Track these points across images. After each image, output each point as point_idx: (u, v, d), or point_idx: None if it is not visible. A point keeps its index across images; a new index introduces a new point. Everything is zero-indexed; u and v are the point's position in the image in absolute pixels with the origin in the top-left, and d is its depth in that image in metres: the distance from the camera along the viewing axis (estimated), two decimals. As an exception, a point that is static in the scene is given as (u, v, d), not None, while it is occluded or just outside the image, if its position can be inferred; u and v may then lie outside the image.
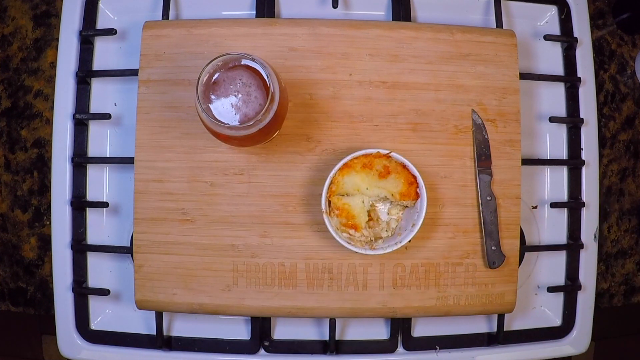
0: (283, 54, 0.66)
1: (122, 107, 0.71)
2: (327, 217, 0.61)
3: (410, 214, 0.64)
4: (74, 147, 0.70)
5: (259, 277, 0.65)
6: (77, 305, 0.69)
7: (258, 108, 0.53)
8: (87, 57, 0.70)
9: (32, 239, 0.73)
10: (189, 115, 0.65)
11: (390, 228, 0.64)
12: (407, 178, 0.62)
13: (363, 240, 0.62)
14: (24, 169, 0.73)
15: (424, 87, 0.67)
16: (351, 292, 0.66)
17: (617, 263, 0.77)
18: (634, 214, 0.77)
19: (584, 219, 0.73)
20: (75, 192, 0.70)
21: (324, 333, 0.70)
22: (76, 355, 0.69)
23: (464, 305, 0.67)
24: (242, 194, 0.65)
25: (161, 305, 0.66)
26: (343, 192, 0.62)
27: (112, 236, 0.71)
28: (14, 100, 0.73)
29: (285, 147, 0.66)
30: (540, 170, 0.74)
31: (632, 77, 0.78)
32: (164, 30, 0.66)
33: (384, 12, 0.73)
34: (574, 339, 0.72)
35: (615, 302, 0.77)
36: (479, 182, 0.67)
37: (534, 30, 0.75)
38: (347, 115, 0.66)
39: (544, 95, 0.74)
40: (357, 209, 0.62)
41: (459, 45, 0.67)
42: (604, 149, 0.77)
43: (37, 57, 0.74)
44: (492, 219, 0.66)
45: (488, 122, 0.67)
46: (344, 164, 0.61)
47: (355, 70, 0.67)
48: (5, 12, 0.74)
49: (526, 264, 0.73)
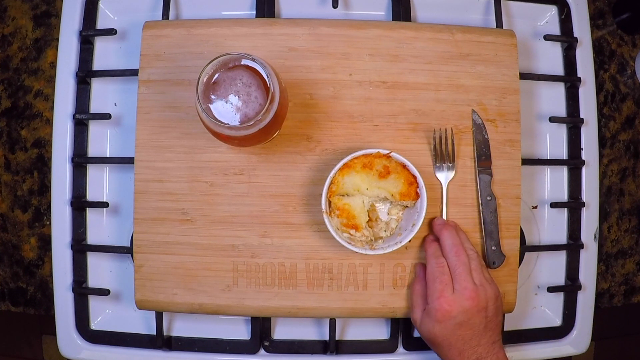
0: (283, 54, 0.66)
1: (122, 107, 0.71)
2: (328, 217, 0.61)
3: (410, 214, 0.64)
4: (74, 147, 0.70)
5: (259, 277, 0.65)
6: (77, 305, 0.69)
7: (258, 108, 0.53)
8: (87, 57, 0.70)
9: (32, 239, 0.73)
10: (189, 115, 0.65)
11: (390, 228, 0.64)
12: (407, 178, 0.62)
13: (363, 241, 0.62)
14: (24, 169, 0.73)
15: (424, 87, 0.67)
16: (351, 292, 0.66)
17: (617, 263, 0.77)
18: (634, 214, 0.77)
19: (584, 219, 0.73)
20: (75, 192, 0.70)
21: (324, 333, 0.70)
22: (76, 355, 0.69)
23: (464, 305, 0.67)
24: (242, 194, 0.65)
25: (161, 305, 0.66)
26: (343, 192, 0.62)
27: (112, 236, 0.71)
28: (14, 100, 0.73)
29: (285, 147, 0.66)
30: (540, 170, 0.74)
31: (632, 77, 0.78)
32: (164, 30, 0.66)
33: (384, 12, 0.73)
34: (574, 339, 0.72)
35: (615, 302, 0.77)
36: (479, 182, 0.67)
37: (534, 30, 0.75)
38: (347, 115, 0.66)
39: (544, 95, 0.74)
40: (358, 209, 0.62)
41: (459, 45, 0.67)
42: (604, 149, 0.77)
43: (37, 57, 0.74)
44: (492, 219, 0.66)
45: (488, 122, 0.67)
46: (344, 164, 0.61)
47: (355, 70, 0.67)
48: (5, 12, 0.74)
49: (526, 264, 0.73)
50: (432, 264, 0.61)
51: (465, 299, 0.58)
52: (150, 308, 0.66)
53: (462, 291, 0.58)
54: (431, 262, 0.62)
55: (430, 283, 0.60)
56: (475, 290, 0.59)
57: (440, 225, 0.64)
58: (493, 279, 0.62)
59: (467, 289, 0.58)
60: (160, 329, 0.68)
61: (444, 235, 0.62)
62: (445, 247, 0.62)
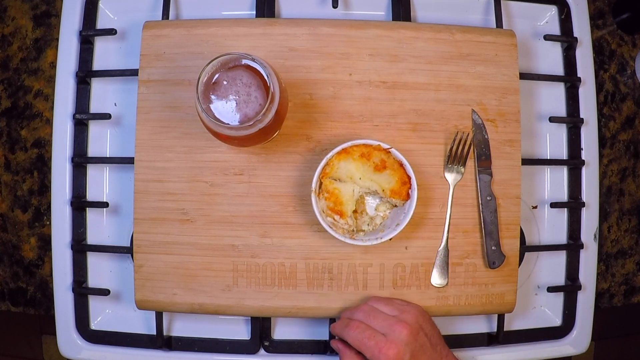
0: (283, 54, 0.66)
1: (122, 107, 0.71)
2: (315, 197, 0.61)
3: (396, 214, 0.64)
4: (74, 147, 0.70)
5: (259, 277, 0.65)
6: (77, 305, 0.69)
7: (258, 108, 0.53)
8: (87, 57, 0.70)
9: (32, 239, 0.73)
10: (189, 115, 0.65)
11: (374, 223, 0.64)
12: (401, 177, 0.62)
13: (346, 229, 0.62)
14: (24, 169, 0.73)
15: (424, 87, 0.67)
16: (351, 292, 0.66)
17: (617, 263, 0.77)
18: (634, 214, 0.77)
19: (584, 219, 0.73)
20: (75, 192, 0.70)
21: (324, 333, 0.70)
22: (76, 355, 0.69)
23: (464, 305, 0.67)
24: (242, 194, 0.65)
25: (161, 305, 0.66)
26: (336, 176, 0.62)
27: (112, 236, 0.71)
28: (14, 100, 0.73)
29: (285, 147, 0.66)
30: (540, 170, 0.74)
31: (632, 77, 0.78)
32: (164, 30, 0.66)
33: (384, 12, 0.73)
34: (574, 339, 0.72)
35: (615, 302, 0.77)
36: (479, 182, 0.67)
37: (534, 30, 0.75)
38: (347, 115, 0.66)
39: (544, 95, 0.74)
40: (347, 197, 0.62)
41: (459, 45, 0.67)
42: (604, 149, 0.77)
43: (37, 57, 0.74)
44: (492, 219, 0.66)
45: (488, 122, 0.67)
46: (342, 148, 0.61)
47: (355, 70, 0.67)
48: (5, 12, 0.74)
49: (526, 264, 0.73)
50: (350, 336, 0.60)
51: (399, 333, 0.57)
52: (150, 308, 0.66)
53: (392, 330, 0.58)
54: (350, 335, 0.60)
55: (363, 348, 0.58)
56: (400, 321, 0.58)
57: (340, 328, 0.62)
58: (403, 300, 0.63)
59: (393, 326, 0.58)
60: (160, 329, 0.68)
61: (345, 334, 0.61)
62: (351, 333, 0.60)
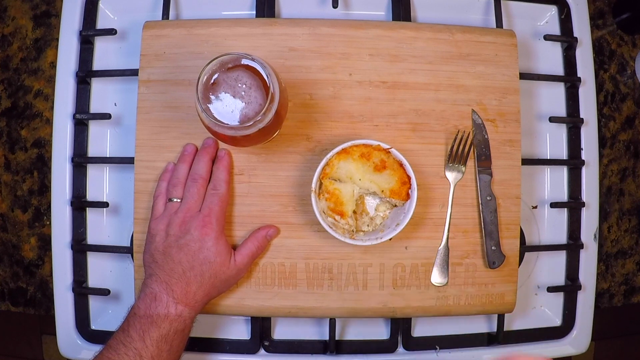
0: (283, 54, 0.66)
1: (122, 107, 0.71)
2: (315, 197, 0.61)
3: (397, 214, 0.64)
4: (74, 147, 0.70)
5: (259, 277, 0.65)
6: (77, 305, 0.69)
7: (258, 108, 0.53)
8: (87, 57, 0.70)
9: (32, 239, 0.73)
10: (189, 115, 0.65)
11: (374, 224, 0.64)
12: (401, 177, 0.62)
13: (346, 229, 0.62)
14: (24, 169, 0.73)
15: (424, 87, 0.67)
16: (351, 292, 0.66)
17: (617, 263, 0.77)
18: (634, 214, 0.77)
19: (584, 219, 0.73)
20: (75, 192, 0.70)
21: (324, 333, 0.70)
22: (76, 355, 0.69)
23: (464, 305, 0.67)
24: (242, 194, 0.65)
25: (161, 305, 0.66)
26: (336, 176, 0.62)
27: (112, 236, 0.71)
28: (14, 100, 0.73)
29: (285, 147, 0.66)
30: (540, 170, 0.74)
31: (632, 77, 0.78)
32: (164, 30, 0.66)
33: (384, 12, 0.73)
34: (574, 339, 0.72)
35: (615, 302, 0.77)
36: (479, 182, 0.67)
37: (534, 30, 0.75)
38: (347, 115, 0.66)
39: (544, 95, 0.74)
40: (347, 197, 0.62)
41: (459, 45, 0.67)
42: (604, 149, 0.77)
43: (37, 57, 0.74)
44: (492, 219, 0.66)
45: (488, 122, 0.67)
46: (342, 148, 0.61)
47: (355, 70, 0.67)
48: (5, 12, 0.74)
49: (526, 264, 0.73)
50: None
51: None
52: (150, 308, 0.66)
53: None
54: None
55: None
56: None
57: None
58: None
59: None
60: (160, 329, 0.68)
61: None
62: None
